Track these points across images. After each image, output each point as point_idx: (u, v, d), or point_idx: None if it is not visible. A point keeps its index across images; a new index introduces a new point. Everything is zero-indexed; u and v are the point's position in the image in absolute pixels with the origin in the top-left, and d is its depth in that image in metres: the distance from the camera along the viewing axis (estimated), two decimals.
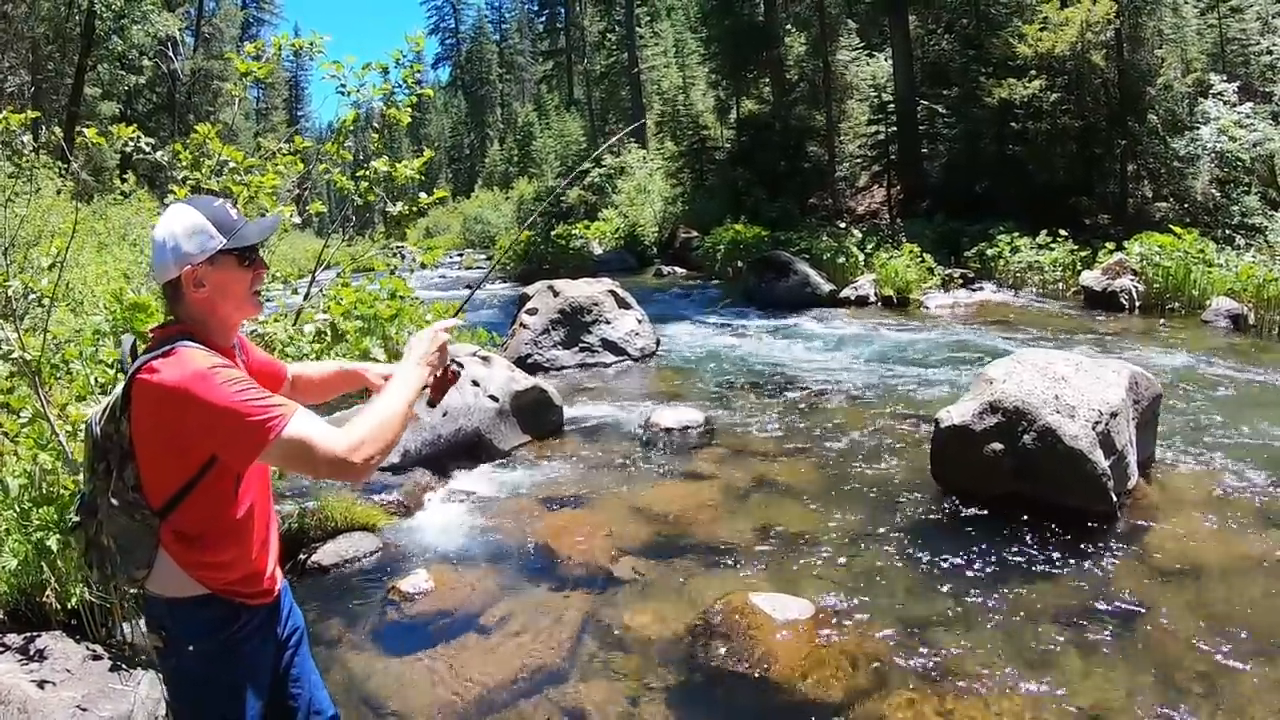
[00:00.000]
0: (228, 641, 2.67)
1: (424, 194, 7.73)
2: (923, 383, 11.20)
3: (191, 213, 2.57)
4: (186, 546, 2.57)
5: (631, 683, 4.85)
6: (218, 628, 2.65)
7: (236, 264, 2.60)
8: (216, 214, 2.59)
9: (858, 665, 4.84)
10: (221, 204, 2.65)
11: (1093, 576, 5.75)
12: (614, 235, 36.50)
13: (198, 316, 2.60)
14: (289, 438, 2.37)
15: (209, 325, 2.62)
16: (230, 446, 2.44)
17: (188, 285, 2.55)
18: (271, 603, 2.83)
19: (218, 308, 2.62)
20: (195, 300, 2.58)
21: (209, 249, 2.54)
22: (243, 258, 2.62)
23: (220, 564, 2.61)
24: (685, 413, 9.80)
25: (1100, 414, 6.64)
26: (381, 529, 7.06)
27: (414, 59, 7.13)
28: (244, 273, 2.63)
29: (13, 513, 5.15)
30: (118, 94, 41.65)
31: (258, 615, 2.75)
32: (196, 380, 2.38)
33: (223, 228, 2.57)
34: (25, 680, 4.37)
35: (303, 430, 2.39)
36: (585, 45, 60.06)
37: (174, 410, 2.40)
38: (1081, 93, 23.90)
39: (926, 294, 19.33)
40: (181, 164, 6.92)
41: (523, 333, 13.87)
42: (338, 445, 2.38)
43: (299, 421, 2.40)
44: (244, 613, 2.69)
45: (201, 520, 2.55)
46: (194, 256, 2.54)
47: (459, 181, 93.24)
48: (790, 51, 34.72)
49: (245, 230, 2.63)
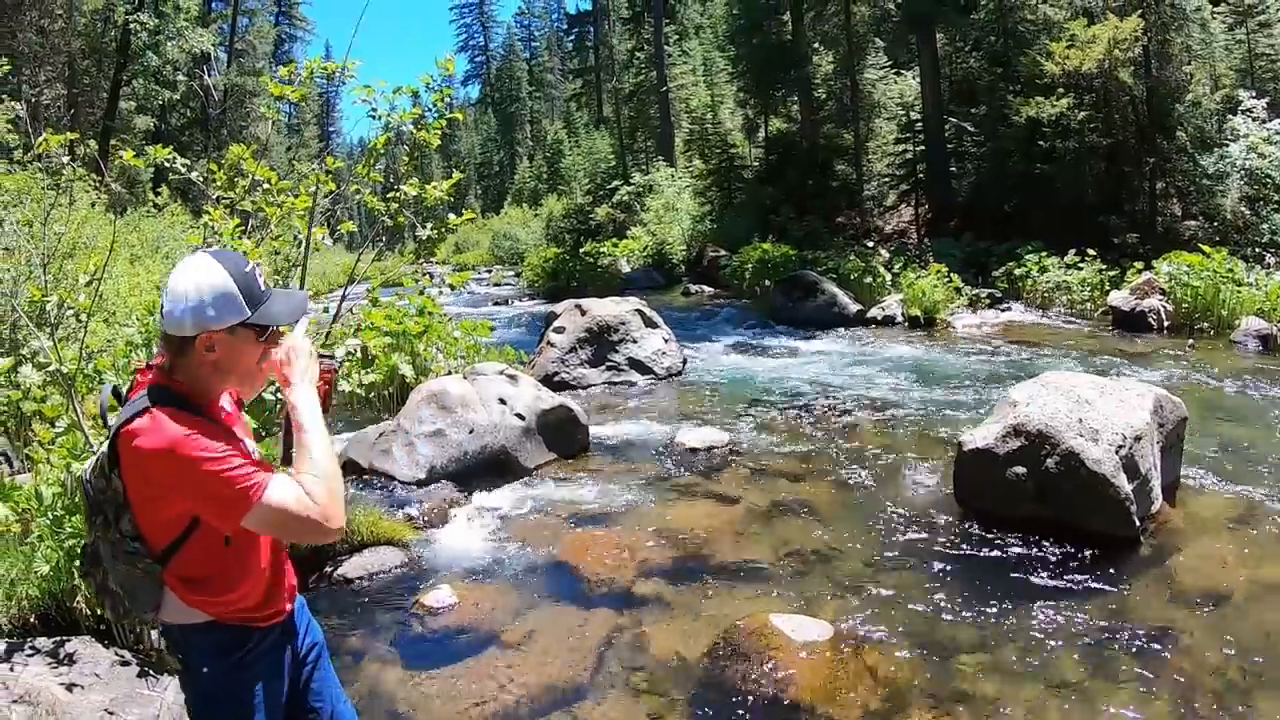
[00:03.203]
0: (240, 663, 2.69)
1: (453, 214, 7.79)
2: (948, 404, 11.19)
3: (222, 274, 2.51)
4: (191, 588, 2.60)
5: (652, 701, 4.89)
6: (228, 650, 2.67)
7: (255, 338, 2.59)
8: (247, 283, 2.54)
9: (877, 688, 4.86)
10: (252, 269, 2.59)
11: (1115, 601, 5.74)
12: (642, 253, 36.53)
13: (200, 376, 2.57)
14: (266, 506, 2.39)
15: (206, 387, 2.61)
16: (212, 515, 2.47)
17: (199, 348, 2.51)
18: (284, 621, 2.84)
19: (219, 375, 2.60)
20: (201, 362, 2.54)
21: (232, 318, 2.51)
22: (261, 333, 2.61)
23: (226, 600, 2.63)
24: (710, 433, 9.83)
25: (1124, 437, 6.63)
26: (407, 543, 7.13)
27: (444, 83, 7.20)
28: (258, 348, 2.62)
29: (46, 520, 5.26)
30: (152, 108, 42.11)
31: (269, 635, 2.77)
32: (175, 447, 2.37)
33: (251, 300, 2.54)
34: (54, 683, 4.47)
35: (279, 499, 2.40)
36: (614, 63, 60.01)
37: (157, 473, 2.42)
38: (1109, 110, 23.79)
39: (954, 314, 19.29)
40: (216, 183, 7.03)
41: (550, 351, 13.93)
42: (313, 513, 2.42)
43: (276, 490, 2.41)
44: (254, 635, 2.71)
45: (202, 565, 2.56)
46: (214, 322, 2.49)
47: (488, 197, 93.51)
48: (818, 70, 34.67)
49: (273, 309, 2.61)
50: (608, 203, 47.98)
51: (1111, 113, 23.81)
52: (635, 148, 54.61)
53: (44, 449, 5.86)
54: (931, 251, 24.27)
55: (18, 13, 32.60)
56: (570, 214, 51.84)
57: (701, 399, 12.54)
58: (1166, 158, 22.94)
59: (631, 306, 14.75)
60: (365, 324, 8.69)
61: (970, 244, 24.76)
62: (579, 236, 45.37)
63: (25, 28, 33.34)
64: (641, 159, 51.81)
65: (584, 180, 55.74)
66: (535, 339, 15.40)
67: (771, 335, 18.72)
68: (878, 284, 21.28)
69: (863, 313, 19.69)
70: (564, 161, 63.89)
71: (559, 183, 63.86)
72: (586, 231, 46.46)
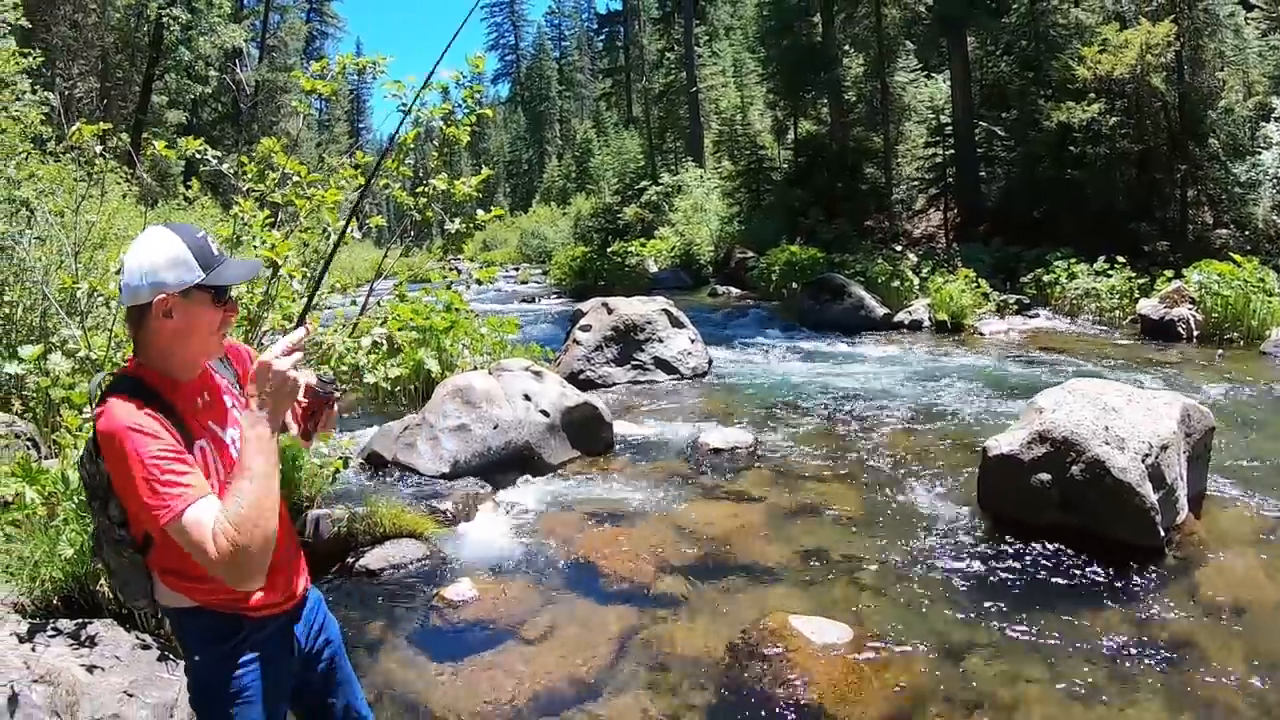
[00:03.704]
0: (232, 652, 2.68)
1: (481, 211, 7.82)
2: (973, 410, 11.13)
3: (175, 241, 2.53)
4: (175, 577, 2.61)
5: (668, 699, 4.89)
6: (221, 637, 2.67)
7: (210, 302, 2.57)
8: (199, 246, 2.55)
9: (894, 692, 4.84)
10: (205, 236, 2.60)
11: (1138, 612, 5.68)
12: (670, 253, 36.54)
13: (159, 347, 2.58)
14: (181, 528, 2.35)
15: (169, 358, 2.60)
16: (137, 514, 2.46)
17: (156, 314, 2.51)
18: (283, 614, 2.82)
19: (182, 342, 2.58)
20: (159, 330, 2.54)
21: (186, 282, 2.51)
22: (217, 296, 2.59)
23: (209, 587, 2.59)
24: (734, 433, 9.82)
25: (1150, 446, 6.56)
26: (429, 537, 7.15)
27: (474, 79, 7.23)
28: (215, 311, 2.60)
29: (71, 504, 5.31)
30: (184, 103, 42.49)
31: (265, 627, 2.75)
32: (115, 437, 2.39)
33: (204, 262, 2.53)
34: (75, 664, 4.51)
35: (192, 527, 2.34)
36: (644, 63, 60.06)
37: (110, 461, 2.43)
38: (1141, 116, 23.56)
39: (981, 320, 19.17)
40: (247, 176, 7.08)
41: (575, 349, 13.97)
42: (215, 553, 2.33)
43: (193, 515, 2.35)
44: (246, 624, 2.69)
45: (177, 554, 2.50)
46: (169, 286, 2.50)
47: (517, 196, 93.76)
48: (848, 72, 34.61)
49: (226, 270, 2.59)
50: (636, 202, 48.04)
51: (1143, 119, 23.60)
52: (664, 148, 54.65)
53: (71, 435, 5.92)
54: (960, 256, 24.11)
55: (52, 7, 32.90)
56: (598, 213, 51.96)
57: (726, 400, 12.54)
58: (1198, 165, 22.73)
59: (658, 306, 14.77)
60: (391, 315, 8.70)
61: (999, 249, 24.61)
62: (607, 236, 45.44)
63: (59, 21, 33.68)
64: (670, 159, 51.84)
65: (612, 180, 55.82)
66: (562, 337, 15.44)
67: (798, 337, 18.69)
68: (905, 288, 21.21)
69: (890, 316, 19.65)
70: (593, 161, 64.02)
71: (588, 182, 64.00)
72: (614, 231, 46.51)
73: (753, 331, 19.95)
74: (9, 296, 9.19)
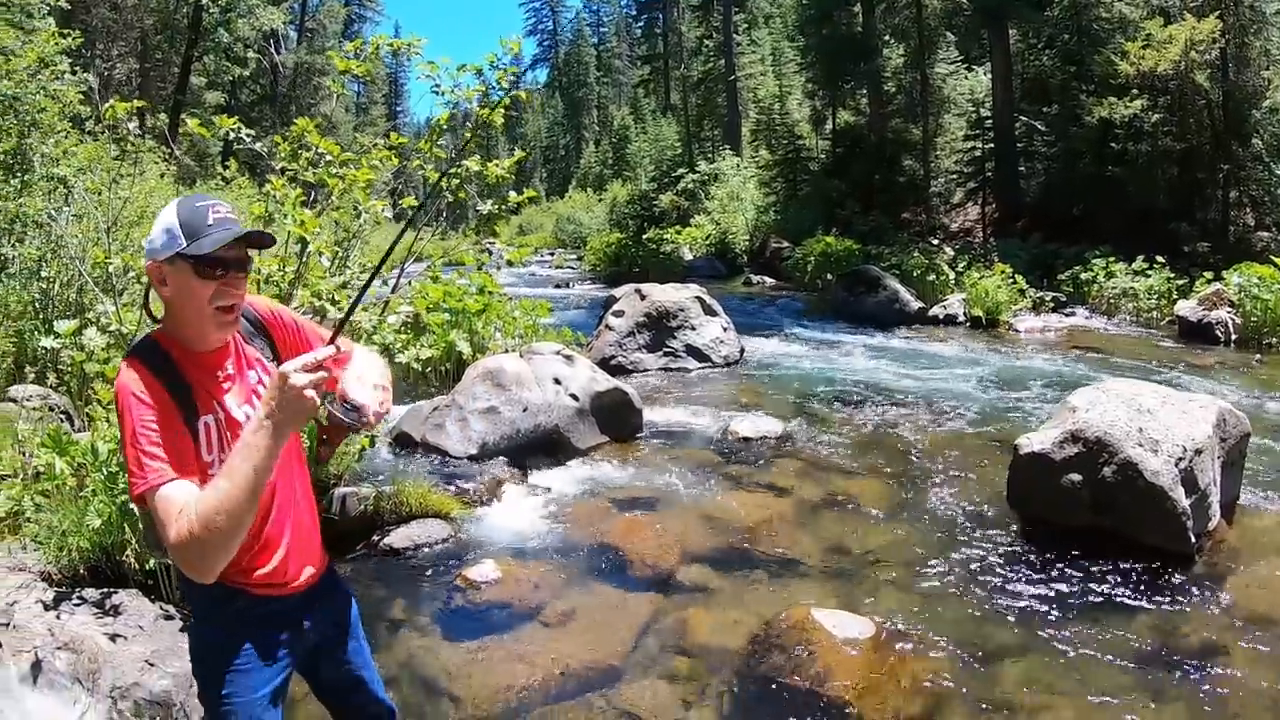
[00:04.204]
0: (231, 621, 2.69)
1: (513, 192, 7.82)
2: (1006, 407, 11.02)
3: (171, 210, 2.52)
4: None
5: (687, 688, 4.88)
6: (219, 604, 2.67)
7: (192, 272, 2.49)
8: (192, 217, 2.49)
9: (915, 690, 4.79)
10: (205, 207, 2.53)
11: (1166, 618, 5.57)
12: (705, 242, 36.52)
13: (171, 315, 2.59)
14: (153, 506, 2.35)
15: (180, 326, 2.59)
16: None
17: (155, 280, 2.55)
18: (288, 596, 2.80)
19: (180, 311, 2.57)
20: (161, 296, 2.57)
21: (169, 250, 2.48)
22: (199, 268, 2.49)
23: None
24: (764, 423, 9.80)
25: (1184, 450, 6.44)
26: (454, 517, 7.19)
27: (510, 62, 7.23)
28: (201, 284, 2.51)
29: (100, 475, 5.36)
30: (222, 84, 42.80)
31: (266, 605, 2.74)
32: (120, 400, 2.43)
33: (189, 232, 2.47)
34: (99, 632, 4.58)
35: (162, 506, 2.34)
36: (682, 51, 59.99)
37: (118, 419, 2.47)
38: (1184, 114, 23.16)
39: (1017, 316, 19.00)
40: (280, 155, 7.11)
41: (608, 334, 13.96)
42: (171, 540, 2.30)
43: (167, 492, 2.34)
44: (242, 598, 2.68)
45: None
46: (158, 254, 2.50)
47: (553, 181, 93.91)
48: (888, 63, 34.31)
49: (204, 239, 2.47)
50: (672, 190, 48.06)
51: (1186, 116, 23.24)
52: (701, 136, 54.59)
53: (103, 408, 5.97)
54: (997, 251, 23.91)
55: None
56: (634, 200, 52.01)
57: (757, 389, 12.49)
58: (1241, 165, 22.36)
59: (691, 293, 14.73)
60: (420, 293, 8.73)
61: (1037, 245, 24.36)
62: (642, 223, 45.51)
63: (99, 3, 33.92)
64: (707, 147, 51.78)
65: (649, 167, 55.78)
66: (594, 322, 15.44)
67: (831, 329, 18.60)
68: (941, 282, 21.05)
69: (924, 310, 19.48)
70: (630, 147, 63.94)
71: (624, 168, 63.97)
72: (650, 218, 46.59)
73: (786, 322, 19.91)
74: (47, 273, 9.29)
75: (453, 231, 24.77)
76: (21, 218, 8.78)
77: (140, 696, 4.29)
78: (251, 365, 2.76)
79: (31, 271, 9.36)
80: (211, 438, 2.56)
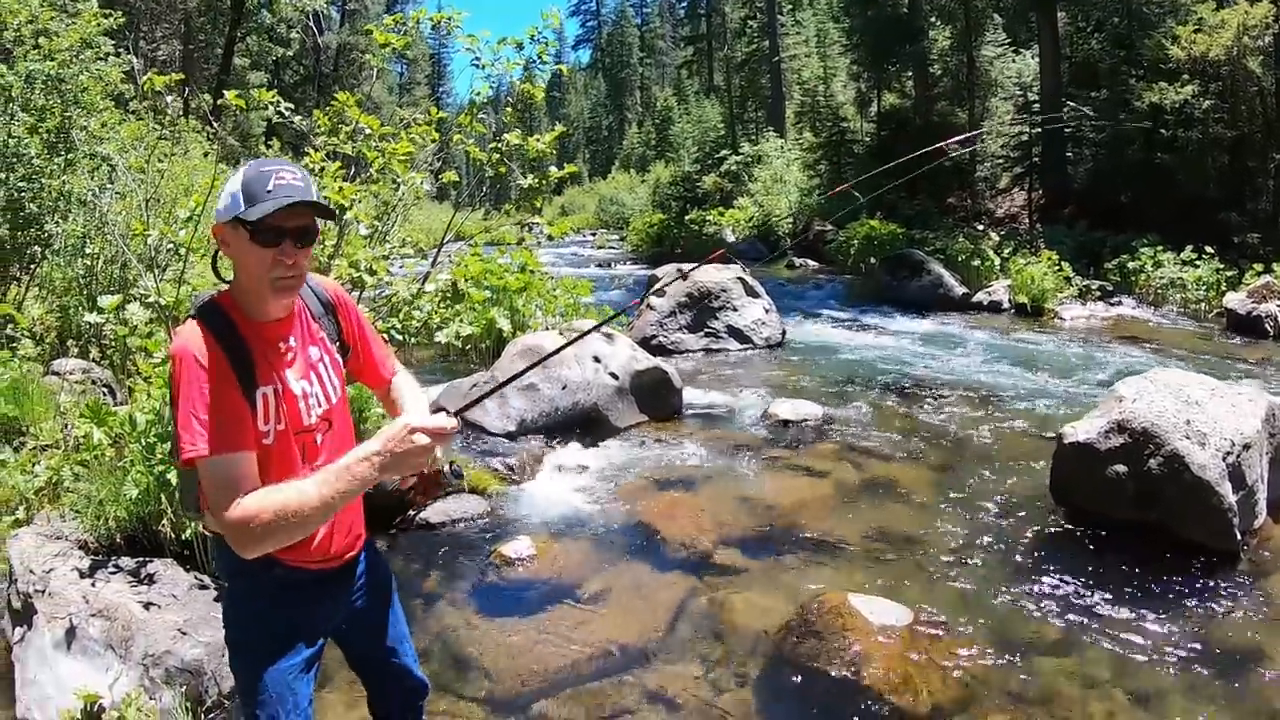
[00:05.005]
0: (257, 587, 2.69)
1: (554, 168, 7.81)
2: (1049, 396, 10.84)
3: (238, 175, 2.50)
4: None
5: (719, 670, 4.84)
6: (253, 573, 2.64)
7: (248, 238, 2.45)
8: (255, 182, 2.45)
9: (950, 680, 4.71)
10: (270, 172, 2.48)
11: (1207, 617, 5.43)
12: (747, 223, 36.32)
13: (235, 277, 2.57)
14: (207, 471, 2.35)
15: (241, 291, 2.57)
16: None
17: (221, 242, 2.54)
18: (319, 571, 2.77)
19: (242, 276, 2.54)
20: (228, 258, 2.56)
21: (230, 213, 2.45)
22: (255, 235, 2.44)
23: None
24: (804, 406, 9.71)
25: (1232, 444, 6.29)
26: (491, 494, 7.21)
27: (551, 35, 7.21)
28: (257, 250, 2.46)
29: (138, 445, 5.40)
30: (266, 64, 42.98)
31: (305, 575, 2.73)
32: (177, 361, 2.40)
33: (250, 197, 2.43)
34: (133, 600, 4.64)
35: (220, 472, 2.34)
36: (726, 32, 59.64)
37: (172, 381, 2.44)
38: (1236, 100, 22.67)
39: (1062, 304, 18.70)
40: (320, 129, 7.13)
41: (649, 314, 13.91)
42: (231, 514, 2.30)
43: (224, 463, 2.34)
44: (280, 567, 2.65)
45: None
46: (221, 215, 2.49)
47: (596, 162, 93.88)
48: (934, 45, 33.88)
49: (259, 205, 2.43)
50: (715, 172, 47.83)
51: (1238, 103, 22.76)
52: (745, 117, 54.31)
53: (144, 381, 6.01)
54: (1043, 238, 23.54)
55: None
56: (677, 181, 51.76)
57: (798, 371, 12.42)
58: None
59: (734, 274, 14.65)
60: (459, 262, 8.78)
61: (1083, 233, 23.93)
62: (685, 204, 45.34)
63: None
64: (751, 129, 51.42)
65: (692, 148, 55.54)
66: None
67: (874, 313, 18.44)
68: (986, 268, 20.78)
69: (968, 296, 19.26)
70: (673, 129, 63.70)
71: (667, 150, 63.74)
72: (693, 199, 46.41)
73: (828, 305, 19.82)
74: (90, 249, 9.37)
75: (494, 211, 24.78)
76: (66, 196, 8.84)
77: (172, 664, 4.33)
78: (315, 342, 2.76)
79: (76, 249, 9.45)
80: (269, 409, 2.54)
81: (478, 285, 10.94)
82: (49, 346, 8.70)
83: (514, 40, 7.10)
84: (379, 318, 7.87)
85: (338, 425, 2.77)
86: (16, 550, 4.99)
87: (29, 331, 8.43)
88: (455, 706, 4.52)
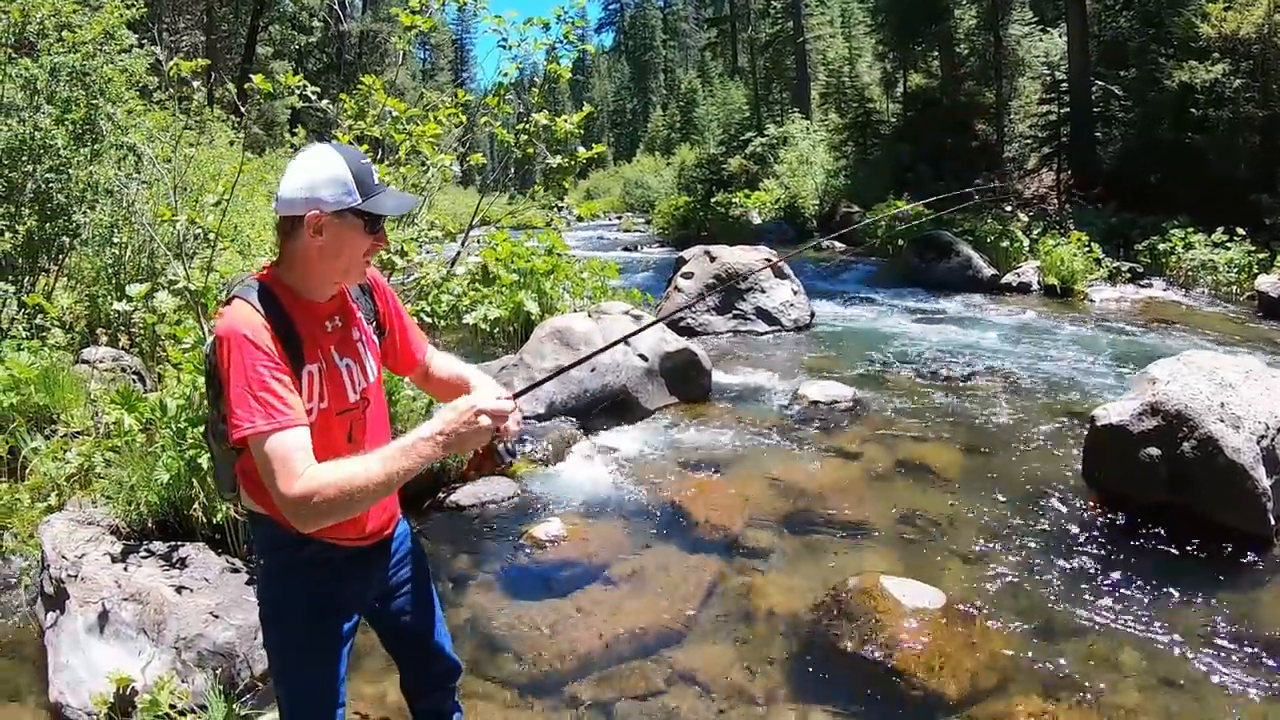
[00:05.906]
0: (290, 563, 2.70)
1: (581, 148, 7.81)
2: (1080, 379, 10.73)
3: (339, 161, 2.52)
4: (253, 485, 2.59)
5: (751, 652, 4.83)
6: (288, 550, 2.66)
7: (363, 228, 2.54)
8: (362, 172, 2.53)
9: (983, 663, 4.68)
10: (369, 163, 2.59)
11: (1241, 604, 5.35)
12: (774, 205, 36.20)
13: (301, 262, 2.56)
14: (261, 448, 2.34)
15: (308, 275, 2.59)
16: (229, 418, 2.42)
17: (307, 228, 2.49)
18: (354, 548, 2.78)
19: (325, 263, 2.56)
20: (306, 245, 2.52)
21: (342, 203, 2.48)
22: (370, 224, 2.55)
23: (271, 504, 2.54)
24: (834, 388, 9.66)
25: (1267, 428, 6.20)
26: (520, 476, 7.22)
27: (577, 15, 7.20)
28: (365, 239, 2.56)
29: (169, 431, 5.44)
30: (289, 53, 43.05)
31: (339, 553, 2.74)
32: (228, 343, 2.40)
33: (364, 188, 2.51)
34: (165, 584, 4.66)
35: (278, 450, 2.34)
36: (750, 13, 59.20)
37: (221, 362, 2.43)
38: (1267, 79, 22.28)
39: (1092, 286, 18.49)
40: (346, 113, 7.14)
41: (677, 296, 13.85)
42: (295, 489, 2.31)
43: (282, 439, 2.35)
44: (314, 544, 2.64)
45: None
46: (325, 204, 2.48)
47: (621, 145, 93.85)
48: (961, 24, 33.58)
49: (383, 199, 2.57)
50: (740, 154, 47.74)
51: (1269, 82, 22.34)
52: (770, 99, 54.09)
53: (174, 368, 6.04)
54: (1072, 219, 23.31)
55: None
56: (702, 164, 51.69)
57: (827, 353, 12.38)
58: None
59: (761, 255, 14.56)
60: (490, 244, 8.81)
61: (1113, 214, 23.66)
62: (710, 186, 45.25)
63: None
64: (776, 111, 51.26)
65: (717, 130, 55.50)
66: (662, 284, 15.40)
67: (902, 295, 18.32)
68: (1014, 249, 20.58)
69: (997, 278, 19.09)
70: (697, 111, 63.67)
71: (692, 132, 63.70)
72: (718, 182, 46.31)
73: (856, 286, 19.76)
74: (118, 239, 9.42)
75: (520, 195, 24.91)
76: (93, 186, 8.88)
77: (204, 647, 4.35)
78: (355, 323, 2.78)
79: (104, 238, 9.51)
80: (314, 387, 2.57)
81: (506, 268, 10.95)
82: (79, 335, 8.75)
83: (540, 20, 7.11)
84: (408, 300, 7.88)
85: (374, 404, 2.79)
86: (49, 536, 5.02)
87: (59, 321, 8.48)
88: (486, 688, 4.53)
